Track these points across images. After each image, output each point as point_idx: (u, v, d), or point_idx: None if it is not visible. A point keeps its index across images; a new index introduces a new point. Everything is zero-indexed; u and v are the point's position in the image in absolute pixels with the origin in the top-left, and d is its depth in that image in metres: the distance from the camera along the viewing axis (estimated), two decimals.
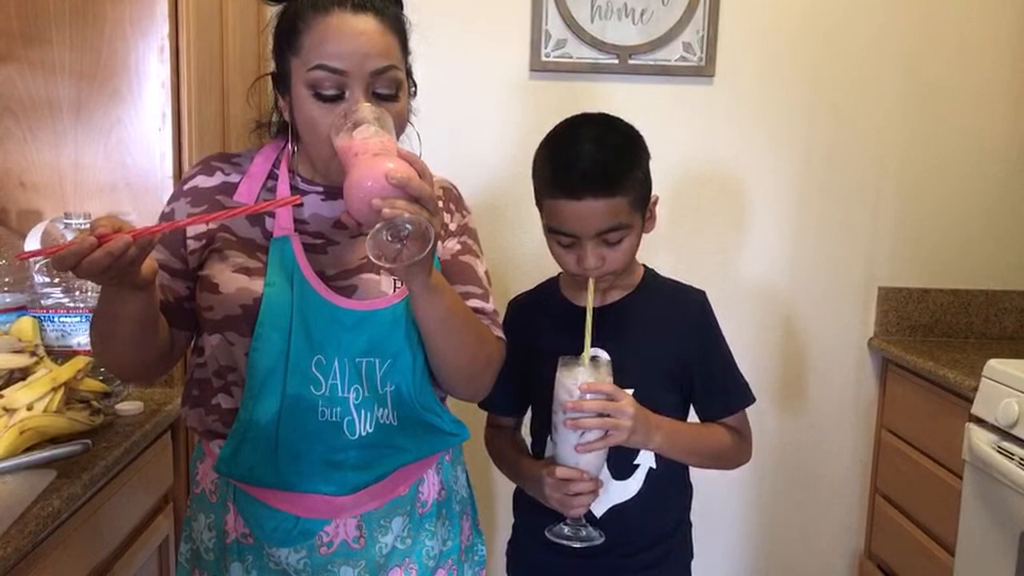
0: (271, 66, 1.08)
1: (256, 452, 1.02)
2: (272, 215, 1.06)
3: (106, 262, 0.81)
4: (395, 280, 1.05)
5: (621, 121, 1.20)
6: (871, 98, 2.19)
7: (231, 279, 1.03)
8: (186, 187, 1.09)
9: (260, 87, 1.17)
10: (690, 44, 2.13)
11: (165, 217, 1.08)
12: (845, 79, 2.18)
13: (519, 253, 2.16)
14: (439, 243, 1.10)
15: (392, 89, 1.01)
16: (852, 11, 2.16)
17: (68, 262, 0.82)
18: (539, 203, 1.22)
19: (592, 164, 1.13)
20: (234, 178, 1.09)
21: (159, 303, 1.06)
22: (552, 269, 1.41)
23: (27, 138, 1.48)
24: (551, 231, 1.19)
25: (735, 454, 1.29)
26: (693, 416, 1.31)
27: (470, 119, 2.14)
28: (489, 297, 1.15)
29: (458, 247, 1.14)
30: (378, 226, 0.86)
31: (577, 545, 1.15)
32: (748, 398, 1.29)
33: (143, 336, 1.00)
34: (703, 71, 2.14)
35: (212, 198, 1.07)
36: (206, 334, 1.07)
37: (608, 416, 1.10)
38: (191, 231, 1.06)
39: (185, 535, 1.15)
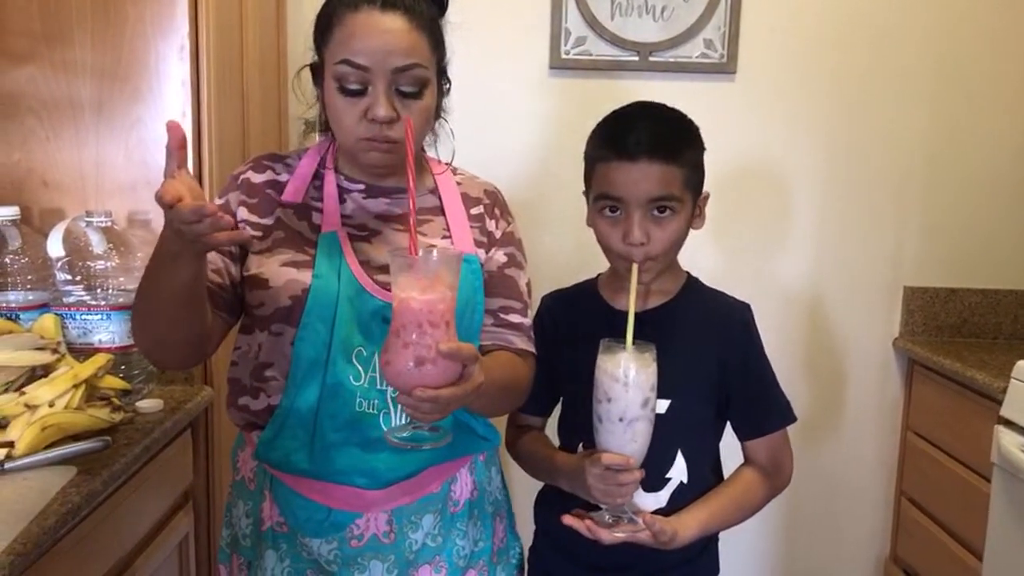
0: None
1: (294, 439, 1.05)
2: (320, 211, 1.09)
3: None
4: None
5: (679, 111, 1.22)
6: (896, 94, 2.16)
7: (280, 272, 1.06)
8: (239, 179, 1.12)
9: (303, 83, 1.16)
10: (711, 41, 2.11)
11: (220, 208, 1.07)
12: (869, 75, 2.15)
13: (537, 251, 2.13)
14: (483, 251, 1.14)
15: (415, 87, 1.04)
16: (875, 5, 2.12)
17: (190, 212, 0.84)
18: (588, 178, 1.20)
19: (651, 132, 1.14)
20: (283, 177, 1.13)
21: (214, 285, 1.07)
22: (571, 268, 1.40)
23: (49, 137, 1.49)
24: (599, 200, 1.16)
25: (768, 499, 1.24)
26: (728, 435, 1.26)
27: (489, 117, 2.13)
28: (527, 311, 1.18)
29: (504, 259, 1.17)
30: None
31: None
32: (787, 418, 1.22)
33: (189, 307, 0.98)
34: (725, 68, 2.12)
35: (263, 191, 1.11)
36: (245, 334, 1.09)
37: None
38: (250, 230, 1.08)
39: (226, 520, 1.19)
